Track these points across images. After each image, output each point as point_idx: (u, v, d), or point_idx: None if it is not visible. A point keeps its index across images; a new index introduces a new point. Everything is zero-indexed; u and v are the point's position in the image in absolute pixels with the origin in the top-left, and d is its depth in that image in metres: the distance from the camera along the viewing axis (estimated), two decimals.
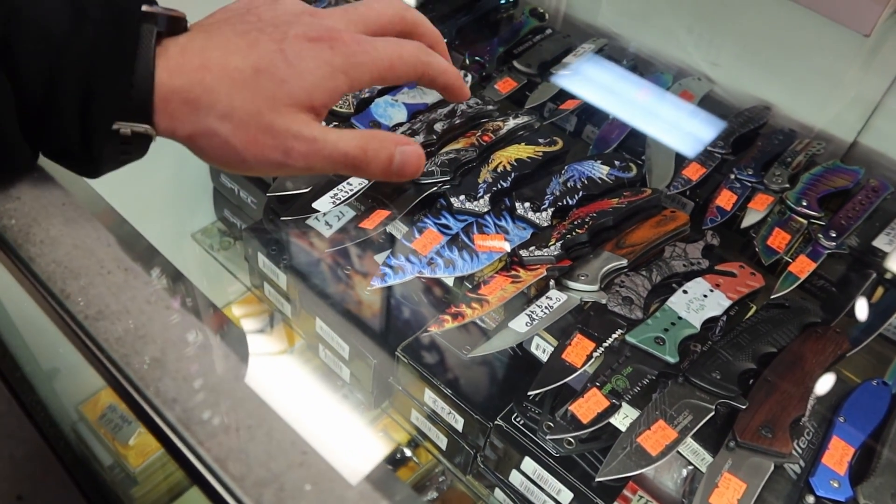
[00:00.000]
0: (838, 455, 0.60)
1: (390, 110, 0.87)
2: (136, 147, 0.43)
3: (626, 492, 0.80)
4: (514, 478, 0.82)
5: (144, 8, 0.41)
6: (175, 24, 0.42)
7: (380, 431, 1.22)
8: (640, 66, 1.05)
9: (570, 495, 0.76)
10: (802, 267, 0.77)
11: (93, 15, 0.40)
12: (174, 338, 0.40)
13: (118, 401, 0.62)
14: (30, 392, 1.14)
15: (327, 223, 0.87)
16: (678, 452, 0.63)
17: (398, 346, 0.87)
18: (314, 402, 1.12)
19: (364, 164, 0.44)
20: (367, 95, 0.88)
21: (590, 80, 0.99)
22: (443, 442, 0.92)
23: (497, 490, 0.89)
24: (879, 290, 0.78)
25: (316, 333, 0.99)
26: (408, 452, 1.25)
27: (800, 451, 0.62)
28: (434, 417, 0.90)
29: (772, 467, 0.59)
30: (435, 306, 0.90)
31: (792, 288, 0.75)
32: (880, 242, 0.81)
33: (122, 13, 0.40)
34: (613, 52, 1.06)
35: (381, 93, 0.89)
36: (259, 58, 0.42)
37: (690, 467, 0.74)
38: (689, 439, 0.61)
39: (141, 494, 1.20)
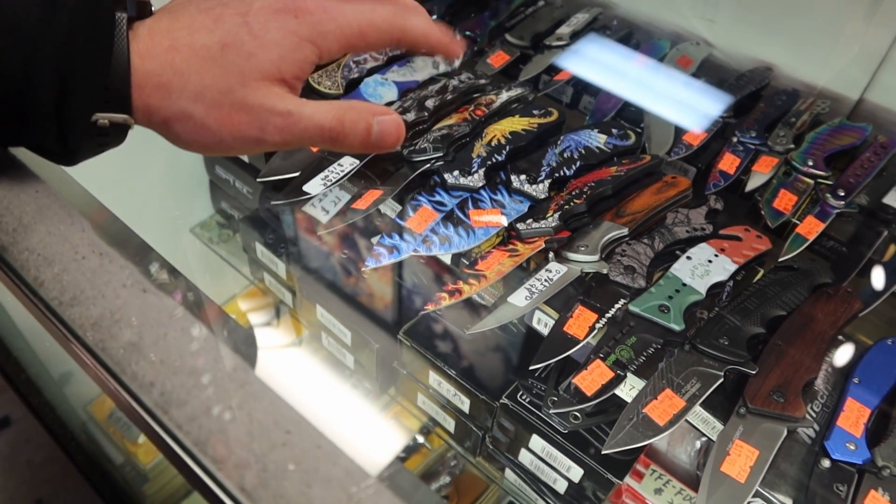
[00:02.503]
0: (854, 417, 0.58)
1: (380, 89, 0.85)
2: (113, 136, 0.42)
3: (638, 466, 0.78)
4: (524, 457, 0.81)
5: None
6: (142, 8, 0.41)
7: (391, 419, 1.22)
8: (636, 33, 1.03)
9: (581, 472, 0.74)
10: (810, 228, 0.75)
11: (65, 3, 0.38)
12: (150, 321, 0.39)
13: None
14: (36, 394, 1.14)
15: (324, 209, 0.85)
16: (688, 422, 0.61)
17: (400, 329, 0.86)
18: (324, 392, 1.11)
19: (342, 136, 0.43)
20: (356, 76, 0.86)
21: (585, 51, 0.97)
22: (451, 425, 0.91)
23: (508, 471, 0.87)
24: (892, 248, 0.75)
25: (318, 321, 0.98)
26: (420, 439, 1.24)
27: (814, 414, 0.60)
28: (440, 400, 0.88)
29: (785, 432, 0.57)
30: (437, 285, 0.89)
31: (800, 250, 0.73)
32: (891, 199, 0.78)
33: (96, 1, 0.39)
34: (608, 20, 1.04)
35: (371, 72, 0.87)
36: (225, 33, 0.40)
37: (704, 439, 0.72)
38: (698, 408, 0.59)
39: (153, 491, 1.20)
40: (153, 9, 0.43)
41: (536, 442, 0.76)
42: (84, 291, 0.40)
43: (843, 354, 0.64)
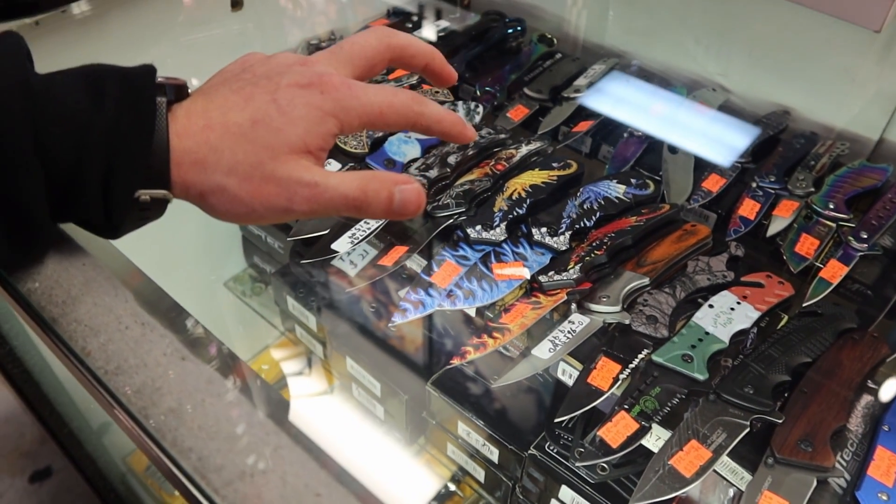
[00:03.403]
0: (885, 465, 0.58)
1: (404, 147, 0.88)
2: (154, 210, 0.45)
3: None
4: None
5: (158, 80, 0.43)
6: (180, 91, 0.45)
7: (423, 466, 1.22)
8: (653, 82, 1.05)
9: None
10: (834, 272, 0.75)
11: (110, 91, 0.42)
12: (189, 388, 0.41)
13: None
14: (78, 447, 1.17)
15: (352, 262, 0.88)
16: (716, 472, 0.61)
17: (428, 380, 0.87)
18: (355, 442, 1.12)
19: (365, 205, 0.45)
20: (380, 135, 0.90)
21: (602, 100, 1.00)
22: (481, 475, 0.91)
23: None
24: None
25: (348, 373, 0.99)
26: (452, 487, 1.23)
27: (844, 463, 0.60)
28: (470, 450, 0.89)
29: (815, 483, 0.57)
30: (465, 336, 0.90)
31: (824, 294, 0.73)
32: None
33: (138, 88, 0.43)
34: (624, 70, 1.06)
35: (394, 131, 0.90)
36: (255, 110, 0.43)
37: (738, 489, 0.72)
38: (725, 458, 0.59)
39: None
40: (190, 90, 0.47)
41: (566, 493, 0.76)
42: (128, 360, 0.43)
43: (872, 401, 0.63)
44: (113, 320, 0.45)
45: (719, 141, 0.93)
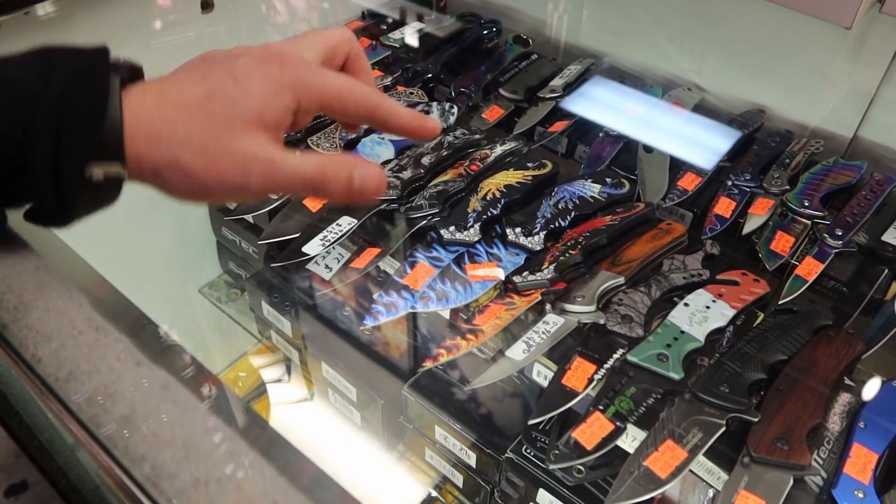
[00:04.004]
0: (861, 463, 0.57)
1: (377, 148, 0.87)
2: (108, 192, 0.43)
3: None
4: None
5: (112, 60, 0.42)
6: (135, 72, 0.44)
7: (404, 474, 1.20)
8: (629, 81, 1.05)
9: None
10: (810, 269, 0.75)
11: (60, 67, 0.40)
12: (143, 394, 0.40)
13: None
14: (49, 460, 1.14)
15: (327, 266, 0.86)
16: (692, 472, 0.60)
17: (405, 384, 0.86)
18: (334, 449, 1.11)
19: (323, 186, 0.44)
20: (353, 136, 0.88)
21: (578, 100, 0.99)
22: (459, 480, 0.90)
23: None
24: (894, 286, 0.75)
25: (324, 378, 0.98)
26: (434, 493, 1.22)
27: (820, 461, 0.59)
28: (448, 455, 0.88)
29: (791, 481, 0.56)
30: (442, 339, 0.89)
31: (800, 292, 0.73)
32: (890, 237, 0.78)
33: (90, 63, 0.41)
34: (600, 71, 1.06)
35: (368, 132, 0.89)
36: (211, 84, 0.42)
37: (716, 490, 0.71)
38: (701, 458, 0.58)
39: None
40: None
41: (544, 496, 0.75)
42: (80, 366, 0.41)
43: (848, 398, 0.63)
44: (66, 325, 0.44)
45: (694, 140, 0.93)
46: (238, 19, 1.08)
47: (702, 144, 0.92)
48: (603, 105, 1.00)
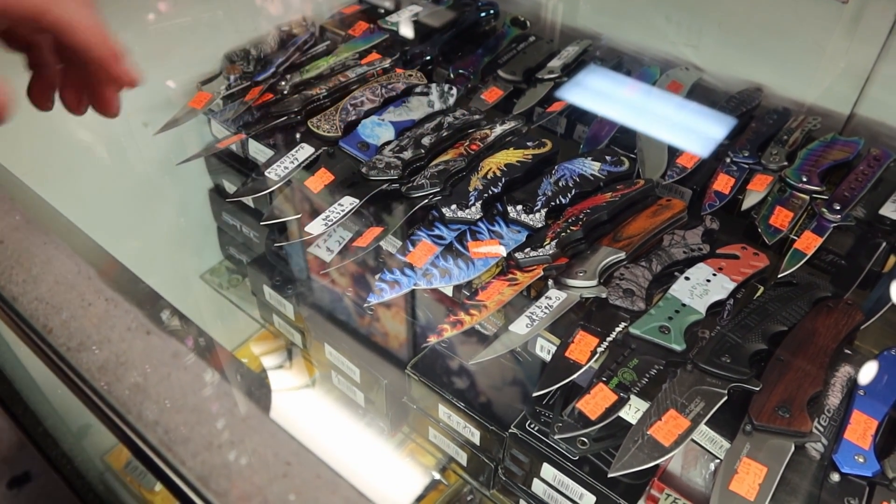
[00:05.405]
0: (861, 429, 0.58)
1: (377, 129, 0.87)
2: None
3: (653, 491, 0.77)
4: (537, 487, 0.80)
5: None
6: None
7: (406, 457, 1.21)
8: (626, 62, 1.05)
9: (594, 498, 0.74)
10: (808, 243, 0.75)
11: None
12: (154, 362, 0.40)
13: None
14: (54, 447, 1.15)
15: (328, 249, 0.87)
16: (694, 441, 0.61)
17: (408, 364, 0.87)
18: (339, 433, 1.11)
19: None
20: (354, 118, 0.89)
21: (576, 81, 0.99)
22: (464, 458, 0.91)
23: (523, 503, 0.87)
24: (891, 259, 0.75)
25: (327, 361, 0.98)
26: (436, 475, 1.23)
27: (821, 428, 0.60)
28: (451, 433, 0.89)
29: (792, 448, 0.57)
30: (443, 317, 0.90)
31: (799, 265, 0.73)
32: (887, 210, 0.79)
33: None
34: (598, 51, 1.06)
35: (368, 114, 0.89)
36: None
37: (718, 461, 0.72)
38: (703, 427, 0.59)
39: None
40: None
41: (548, 471, 0.76)
42: (91, 337, 0.42)
43: (848, 367, 0.64)
44: (76, 297, 0.44)
45: (693, 119, 0.94)
46: (235, 3, 1.08)
47: (700, 123, 0.92)
48: (601, 86, 1.00)
